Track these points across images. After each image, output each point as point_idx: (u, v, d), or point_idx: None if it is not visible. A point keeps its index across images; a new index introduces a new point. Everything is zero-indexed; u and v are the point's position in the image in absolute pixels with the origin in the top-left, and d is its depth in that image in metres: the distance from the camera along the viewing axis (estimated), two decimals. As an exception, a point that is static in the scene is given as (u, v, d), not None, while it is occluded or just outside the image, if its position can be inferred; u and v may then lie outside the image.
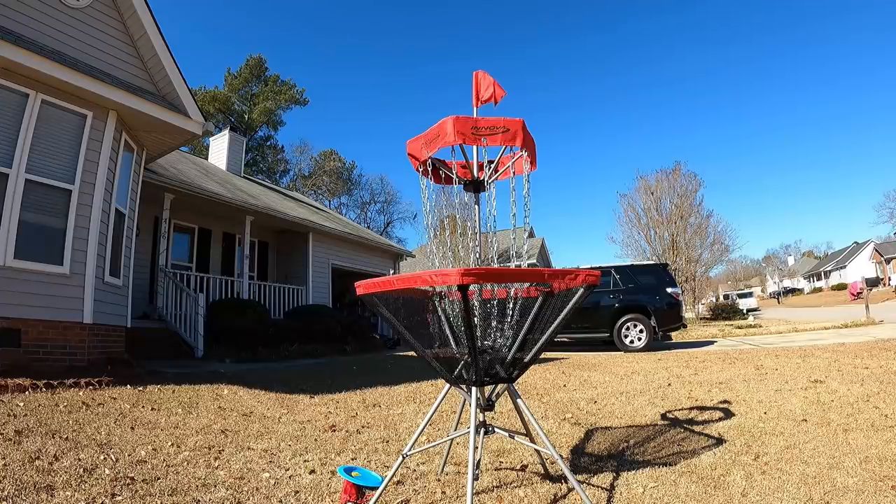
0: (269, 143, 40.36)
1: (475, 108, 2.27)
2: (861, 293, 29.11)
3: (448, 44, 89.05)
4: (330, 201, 40.60)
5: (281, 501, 2.00)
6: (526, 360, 1.97)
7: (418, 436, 1.97)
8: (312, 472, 2.36)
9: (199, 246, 10.88)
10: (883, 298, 30.09)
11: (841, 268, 55.28)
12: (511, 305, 2.00)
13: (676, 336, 11.88)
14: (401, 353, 9.73)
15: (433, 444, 2.20)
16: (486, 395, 2.05)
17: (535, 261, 25.49)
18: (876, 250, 49.20)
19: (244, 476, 2.28)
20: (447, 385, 2.06)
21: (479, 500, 2.00)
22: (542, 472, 2.27)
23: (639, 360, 7.25)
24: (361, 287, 1.89)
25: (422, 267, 22.71)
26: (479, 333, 1.96)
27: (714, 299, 36.27)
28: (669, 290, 9.70)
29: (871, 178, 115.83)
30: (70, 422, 3.07)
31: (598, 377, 5.53)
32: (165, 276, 8.61)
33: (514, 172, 2.28)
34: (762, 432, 2.86)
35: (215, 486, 2.12)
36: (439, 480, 2.21)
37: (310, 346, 9.31)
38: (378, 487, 1.93)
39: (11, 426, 2.83)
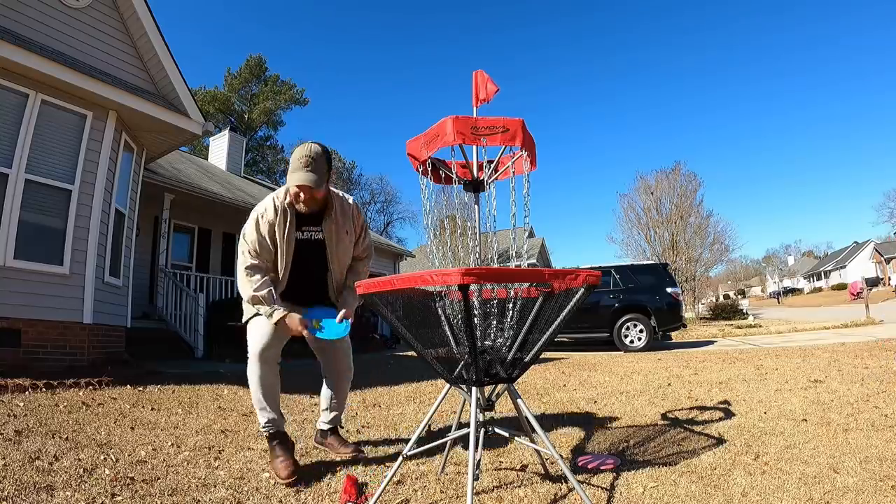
0: (269, 143, 40.35)
1: (475, 108, 2.27)
2: (861, 293, 29.08)
3: (449, 45, 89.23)
4: (330, 201, 40.55)
5: (281, 501, 1.99)
6: (526, 360, 1.97)
7: (418, 436, 1.97)
8: (312, 471, 2.36)
9: (199, 246, 10.88)
10: (883, 298, 30.10)
11: (841, 268, 55.29)
12: (511, 305, 2.00)
13: (676, 336, 11.88)
14: (401, 353, 9.73)
15: (433, 444, 2.20)
16: (486, 395, 2.05)
17: (535, 261, 25.48)
18: (876, 250, 49.23)
19: (244, 476, 2.28)
20: (447, 385, 2.05)
21: (479, 500, 2.00)
22: (542, 472, 2.27)
23: (639, 359, 7.25)
24: (361, 287, 1.89)
25: (422, 267, 22.70)
26: (479, 333, 1.96)
27: (714, 299, 36.24)
28: (669, 289, 9.70)
29: (871, 178, 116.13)
30: (70, 422, 3.07)
31: (598, 377, 5.53)
32: (165, 276, 8.61)
33: (513, 172, 2.27)
34: (762, 432, 2.86)
35: (215, 486, 2.11)
36: (439, 480, 2.20)
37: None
38: (339, 339, 2.26)
39: (11, 426, 2.83)
